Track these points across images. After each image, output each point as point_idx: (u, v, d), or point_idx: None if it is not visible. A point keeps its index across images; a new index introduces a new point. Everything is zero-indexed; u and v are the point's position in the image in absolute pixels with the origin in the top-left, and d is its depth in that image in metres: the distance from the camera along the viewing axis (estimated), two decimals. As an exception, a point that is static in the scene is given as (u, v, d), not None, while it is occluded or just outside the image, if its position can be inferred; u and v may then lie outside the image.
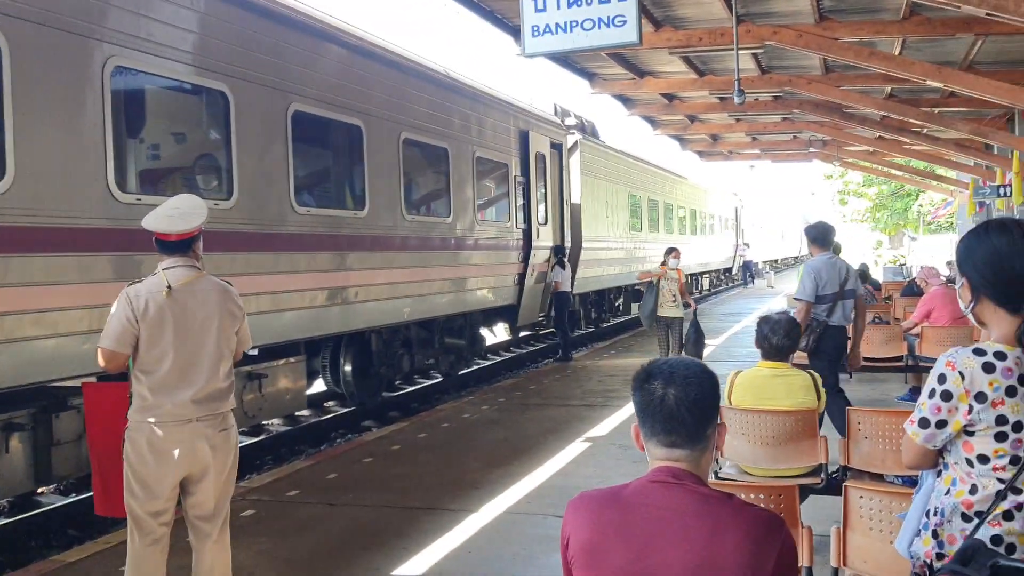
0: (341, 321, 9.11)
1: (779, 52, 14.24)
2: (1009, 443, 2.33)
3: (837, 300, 7.27)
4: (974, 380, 2.35)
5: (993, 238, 2.39)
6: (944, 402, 2.38)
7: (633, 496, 2.16)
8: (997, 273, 2.38)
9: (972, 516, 2.37)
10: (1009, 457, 2.33)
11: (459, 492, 6.71)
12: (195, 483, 4.07)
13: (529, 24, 8.01)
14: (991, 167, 22.29)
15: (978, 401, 2.34)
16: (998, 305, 2.41)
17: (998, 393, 2.32)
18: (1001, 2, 8.23)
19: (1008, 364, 2.33)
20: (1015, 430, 2.32)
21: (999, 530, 2.33)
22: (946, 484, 2.47)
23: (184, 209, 4.16)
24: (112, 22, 6.20)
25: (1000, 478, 2.34)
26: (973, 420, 2.35)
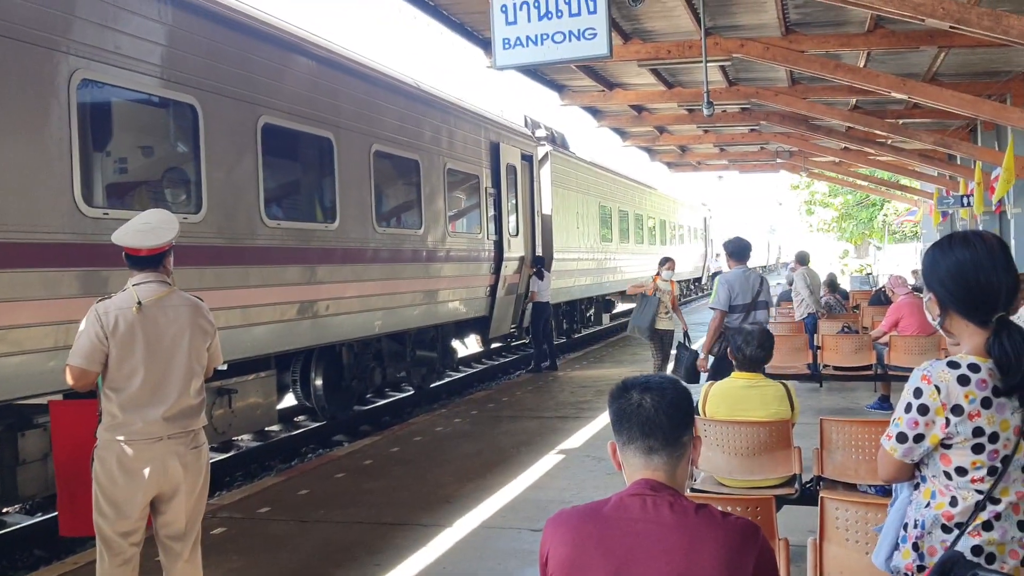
0: (312, 335, 9.04)
1: (746, 64, 14.39)
2: (986, 454, 2.34)
3: (749, 310, 7.78)
4: (950, 393, 2.36)
5: (957, 252, 2.42)
6: (921, 416, 2.39)
7: (612, 511, 2.18)
8: (962, 287, 2.39)
9: (952, 528, 2.39)
10: (987, 468, 2.34)
11: (432, 507, 6.66)
12: (166, 502, 4.00)
13: (500, 37, 8.03)
14: (954, 177, 22.66)
15: (955, 414, 2.35)
16: (966, 319, 2.42)
17: (974, 405, 2.33)
18: (964, 15, 8.37)
19: (982, 376, 2.35)
20: (991, 441, 2.33)
21: (979, 540, 2.35)
22: (925, 497, 2.48)
23: (155, 224, 4.10)
24: (79, 34, 6.12)
25: (978, 489, 2.36)
26: (950, 433, 2.36)
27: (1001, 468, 2.33)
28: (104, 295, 4.07)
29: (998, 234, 13.28)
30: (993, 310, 2.37)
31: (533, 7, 7.93)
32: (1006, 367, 2.30)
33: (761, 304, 7.89)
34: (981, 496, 2.35)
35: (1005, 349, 2.30)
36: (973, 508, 2.35)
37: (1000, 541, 2.34)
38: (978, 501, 2.35)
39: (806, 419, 6.40)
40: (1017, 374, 2.28)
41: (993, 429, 2.33)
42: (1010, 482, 2.34)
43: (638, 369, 14.30)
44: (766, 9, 11.40)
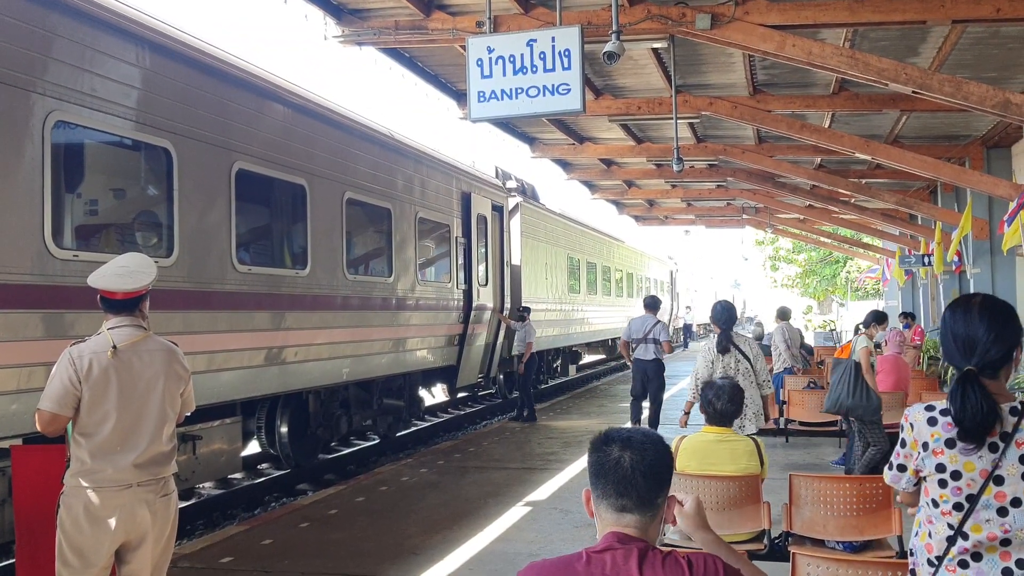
0: (279, 381, 8.95)
1: (714, 122, 14.70)
2: (950, 490, 2.53)
3: (640, 342, 11.62)
4: (920, 431, 2.61)
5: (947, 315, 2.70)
6: (902, 449, 2.69)
7: (582, 567, 2.19)
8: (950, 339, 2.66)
9: (934, 561, 2.58)
10: (952, 503, 2.53)
11: (398, 559, 6.57)
12: (132, 551, 3.91)
13: (476, 90, 8.14)
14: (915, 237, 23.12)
15: (923, 449, 2.60)
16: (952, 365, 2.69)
17: (938, 444, 2.55)
18: (926, 81, 8.64)
19: (949, 420, 2.55)
20: (953, 479, 2.52)
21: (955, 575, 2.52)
22: (915, 526, 2.72)
23: (132, 267, 4.07)
24: (54, 76, 6.12)
25: (949, 523, 2.54)
26: (919, 467, 2.63)
27: (967, 505, 2.50)
28: (78, 339, 4.02)
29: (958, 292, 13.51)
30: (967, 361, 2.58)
31: (508, 61, 8.06)
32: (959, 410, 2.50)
33: (650, 339, 11.55)
34: (952, 531, 2.53)
35: (953, 397, 2.52)
36: (945, 543, 2.54)
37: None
38: (949, 536, 2.53)
39: (772, 474, 6.42)
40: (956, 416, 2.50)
41: (955, 468, 2.52)
42: (981, 521, 2.49)
43: (605, 420, 14.29)
44: (734, 69, 11.70)
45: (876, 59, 8.75)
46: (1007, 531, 2.47)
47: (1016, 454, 2.47)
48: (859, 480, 5.28)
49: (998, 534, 2.47)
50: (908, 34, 9.99)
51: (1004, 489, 2.47)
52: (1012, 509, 2.47)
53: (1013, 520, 2.46)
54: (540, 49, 7.95)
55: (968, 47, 10.38)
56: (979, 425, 2.47)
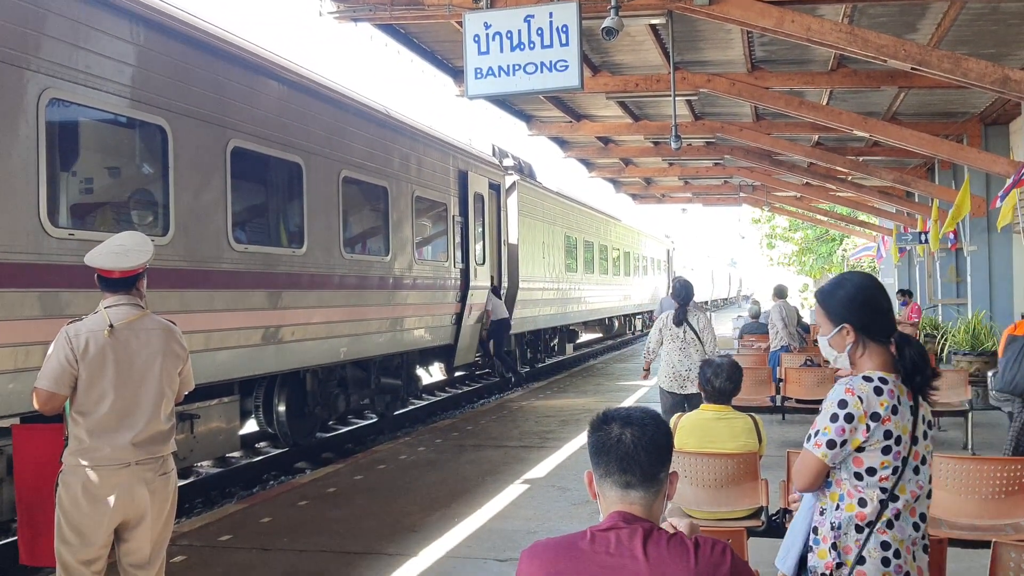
0: (277, 360, 8.95)
1: (712, 99, 14.63)
2: (892, 455, 2.71)
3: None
4: (870, 402, 2.72)
5: (860, 283, 2.88)
6: (847, 424, 2.73)
7: (587, 545, 2.21)
8: (871, 312, 2.82)
9: (864, 527, 2.72)
10: (891, 468, 2.71)
11: (397, 536, 6.59)
12: (131, 529, 3.92)
13: (472, 66, 8.09)
14: (912, 214, 23.11)
15: (873, 420, 2.71)
16: (873, 340, 2.81)
17: (887, 411, 2.71)
18: (925, 58, 8.59)
19: (891, 387, 2.75)
20: (896, 443, 2.71)
21: (886, 537, 2.70)
22: (833, 500, 2.80)
23: (129, 246, 4.05)
24: (48, 53, 6.06)
25: (883, 487, 2.71)
26: (868, 438, 2.72)
27: (901, 467, 2.72)
28: (75, 317, 4.00)
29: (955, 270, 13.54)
30: (892, 331, 2.81)
31: (506, 38, 8.01)
32: (912, 373, 2.73)
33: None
34: (885, 495, 2.71)
35: (903, 356, 2.74)
36: (879, 506, 2.71)
37: (900, 538, 2.69)
38: (882, 500, 2.70)
39: (770, 451, 6.43)
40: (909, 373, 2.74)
41: (898, 433, 2.72)
42: (906, 480, 2.72)
43: (602, 399, 14.33)
44: (733, 46, 11.63)
45: (875, 35, 8.70)
46: (920, 487, 2.74)
47: (921, 414, 2.77)
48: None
49: (916, 491, 2.72)
50: (907, 10, 9.93)
51: (918, 448, 2.74)
52: (922, 467, 2.76)
53: (923, 478, 2.74)
54: (537, 25, 7.90)
55: (967, 23, 10.33)
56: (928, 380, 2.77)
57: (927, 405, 2.82)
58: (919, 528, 2.73)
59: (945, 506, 5.07)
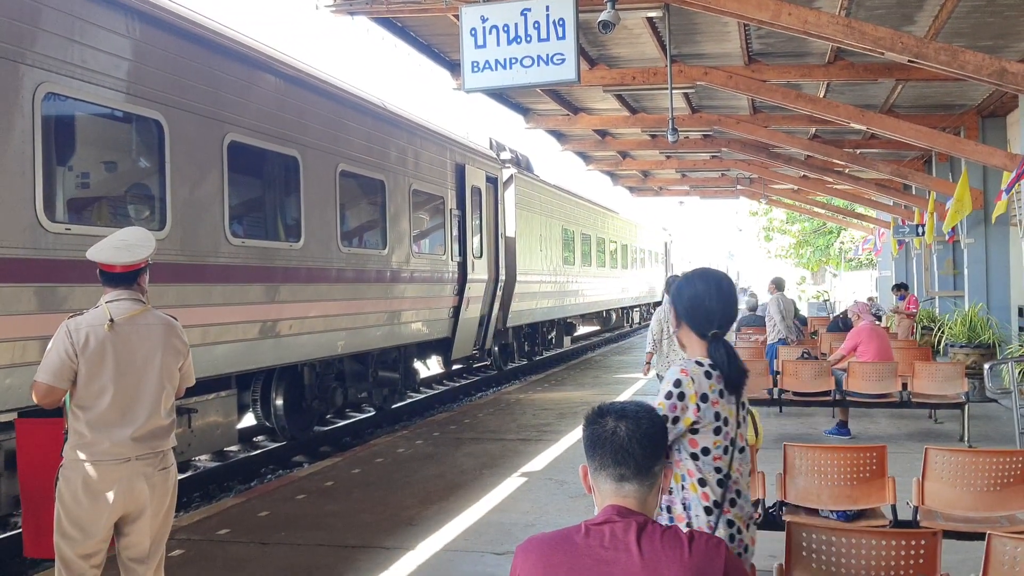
0: (274, 354, 8.95)
1: (709, 92, 14.62)
2: (722, 436, 2.87)
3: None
4: (700, 383, 2.87)
5: (697, 284, 3.06)
6: (680, 401, 2.86)
7: (581, 539, 2.23)
8: (695, 309, 3.02)
9: (712, 508, 2.85)
10: (723, 447, 2.87)
11: (395, 529, 6.61)
12: (130, 523, 3.93)
13: (469, 60, 8.08)
14: (909, 207, 23.10)
15: (703, 401, 2.86)
16: (694, 332, 3.02)
17: (715, 394, 2.87)
18: (922, 50, 8.58)
19: (719, 373, 2.92)
20: (725, 424, 2.88)
21: (730, 515, 2.85)
22: (676, 481, 2.91)
23: (132, 241, 4.06)
24: (44, 48, 6.05)
25: (718, 467, 2.86)
26: (699, 418, 2.86)
27: (731, 448, 2.90)
28: (74, 311, 4.01)
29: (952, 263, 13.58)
30: (710, 328, 2.98)
31: (502, 31, 8.00)
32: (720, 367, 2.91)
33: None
34: (721, 474, 2.86)
35: (719, 355, 2.92)
36: (719, 487, 2.85)
37: (741, 516, 2.89)
38: (719, 480, 2.85)
39: (767, 444, 6.45)
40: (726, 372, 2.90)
41: (725, 415, 2.89)
42: (735, 460, 2.91)
43: (599, 392, 14.35)
44: (730, 39, 11.61)
45: (872, 28, 8.68)
46: (742, 468, 2.95)
47: (742, 401, 3.00)
48: (852, 450, 5.31)
49: (742, 471, 2.94)
50: (904, 2, 9.92)
51: (741, 431, 2.97)
52: (747, 448, 3.01)
53: (745, 457, 2.98)
54: (534, 18, 7.89)
55: (964, 15, 10.31)
56: (742, 378, 2.95)
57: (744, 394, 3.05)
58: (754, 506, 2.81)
59: (940, 498, 5.09)
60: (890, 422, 10.94)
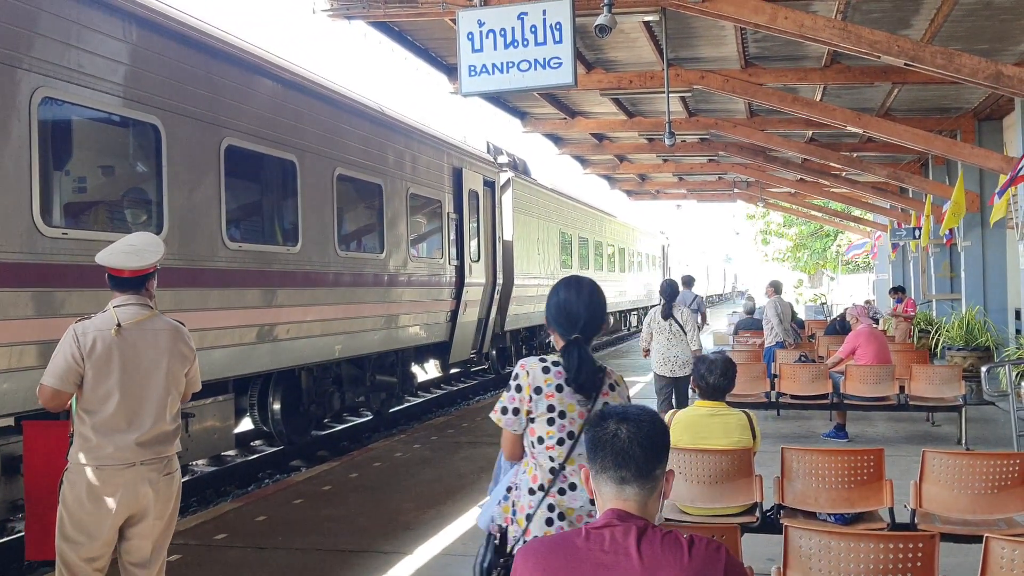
0: (271, 359, 8.94)
1: (706, 96, 14.64)
2: (556, 427, 3.10)
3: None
4: (535, 377, 3.14)
5: (561, 292, 3.30)
6: (517, 393, 3.16)
7: (581, 543, 2.22)
8: (559, 315, 3.25)
9: (536, 489, 3.10)
10: (557, 439, 3.10)
11: (392, 534, 6.60)
12: (133, 526, 3.93)
13: (466, 64, 8.09)
14: (906, 210, 23.14)
15: (536, 393, 3.12)
16: (560, 336, 3.25)
17: (550, 388, 3.12)
18: (918, 53, 8.61)
19: (559, 369, 3.15)
20: (560, 417, 3.10)
21: (553, 501, 3.07)
22: (524, 466, 3.20)
23: (140, 246, 4.08)
24: (41, 52, 6.05)
25: (551, 456, 3.09)
26: (532, 408, 3.13)
27: (569, 441, 3.09)
28: (83, 316, 4.01)
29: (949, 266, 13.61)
30: (572, 332, 3.19)
31: (499, 35, 8.01)
32: (567, 369, 3.12)
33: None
34: (554, 463, 3.08)
35: (570, 358, 3.13)
36: (550, 474, 3.08)
37: (571, 507, 3.06)
38: (552, 468, 3.08)
39: (764, 447, 6.45)
40: (574, 375, 3.10)
41: (562, 408, 3.11)
42: (575, 455, 3.08)
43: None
44: (726, 42, 11.63)
45: (868, 31, 8.70)
46: None
47: (601, 401, 3.12)
48: (850, 453, 5.31)
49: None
50: (900, 6, 9.95)
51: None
52: None
53: None
54: (531, 22, 7.90)
55: (960, 19, 10.34)
56: (591, 380, 3.11)
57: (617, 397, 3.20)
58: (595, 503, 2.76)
59: (938, 501, 5.09)
60: (888, 425, 10.95)
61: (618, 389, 3.23)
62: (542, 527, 3.02)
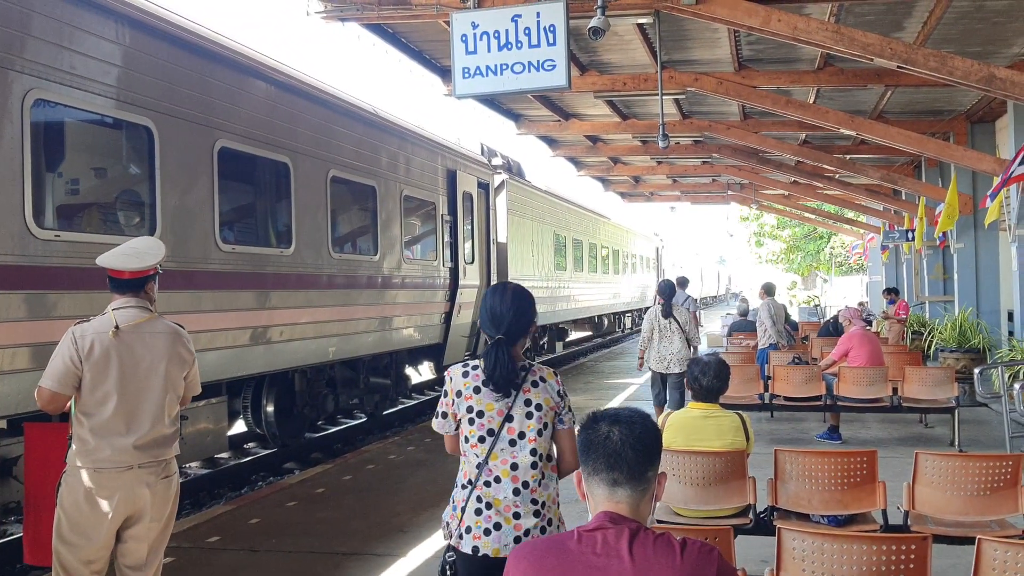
0: (265, 361, 8.92)
1: (700, 98, 14.65)
2: (476, 426, 3.32)
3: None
4: (456, 382, 3.39)
5: (489, 298, 3.50)
6: (444, 398, 3.44)
7: (574, 545, 2.22)
8: (487, 317, 3.46)
9: (467, 484, 3.32)
10: (478, 436, 3.31)
11: (386, 536, 6.59)
12: (129, 530, 3.92)
13: (460, 66, 8.08)
14: (899, 212, 23.20)
15: (457, 396, 3.37)
16: (487, 335, 3.45)
17: (468, 391, 3.34)
18: (911, 56, 8.63)
19: (478, 372, 3.37)
20: (479, 417, 3.31)
21: (481, 493, 3.27)
22: (461, 464, 3.42)
23: (141, 248, 4.09)
24: (33, 54, 6.03)
25: (476, 453, 3.31)
26: (455, 410, 3.38)
27: (489, 439, 3.29)
28: (82, 318, 4.00)
29: (942, 268, 13.66)
30: (498, 333, 3.39)
31: (493, 37, 8.00)
32: (487, 367, 3.32)
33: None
34: (479, 459, 3.29)
35: (488, 358, 3.33)
36: (476, 469, 3.30)
37: (497, 497, 3.25)
38: (478, 463, 3.29)
39: (758, 449, 6.46)
40: (489, 374, 3.30)
41: (480, 408, 3.32)
42: (498, 450, 3.28)
43: (591, 397, 14.35)
44: (720, 45, 11.65)
45: (861, 34, 8.72)
46: (515, 458, 3.27)
47: (522, 399, 3.31)
48: (843, 455, 5.32)
49: (509, 460, 3.28)
50: (893, 8, 9.97)
51: (513, 425, 3.30)
52: (519, 441, 3.29)
53: (519, 450, 3.28)
54: (525, 24, 7.89)
55: (953, 22, 10.37)
56: (506, 379, 3.29)
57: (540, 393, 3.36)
58: (520, 494, 3.24)
59: (930, 502, 5.10)
60: (881, 427, 10.97)
61: (543, 385, 3.37)
62: (473, 516, 3.26)
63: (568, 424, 3.42)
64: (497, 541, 3.21)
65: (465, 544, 3.25)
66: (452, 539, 3.33)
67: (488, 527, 3.23)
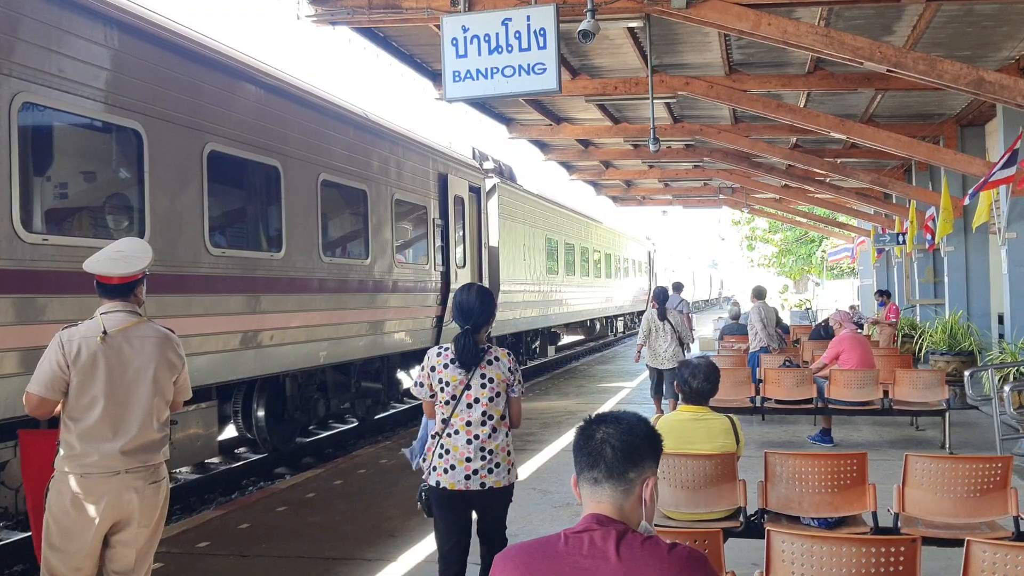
0: (255, 365, 8.89)
1: (691, 102, 14.69)
2: (445, 393, 4.37)
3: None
4: (431, 360, 4.44)
5: (459, 294, 4.53)
6: (421, 372, 4.46)
7: (561, 547, 2.21)
8: (458, 311, 4.48)
9: (437, 435, 4.39)
10: (444, 400, 4.37)
11: (377, 541, 6.57)
12: (117, 535, 3.89)
13: (450, 70, 8.09)
14: (890, 215, 23.27)
15: (432, 371, 4.41)
16: (458, 324, 4.46)
17: (440, 366, 4.40)
18: (900, 60, 8.66)
19: (448, 352, 4.42)
20: (447, 385, 4.36)
21: (444, 442, 4.34)
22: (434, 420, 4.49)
23: (128, 252, 4.04)
24: (20, 57, 6.01)
25: (443, 412, 4.37)
26: (431, 382, 4.41)
27: (452, 400, 4.36)
28: (70, 323, 3.97)
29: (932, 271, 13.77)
30: (467, 323, 4.44)
31: (484, 41, 8.02)
32: (456, 349, 4.38)
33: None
34: (444, 416, 4.37)
35: (458, 343, 4.40)
36: (443, 424, 4.36)
37: (456, 445, 4.32)
38: (443, 419, 4.36)
39: (748, 451, 6.46)
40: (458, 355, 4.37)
41: (447, 379, 4.37)
42: (459, 411, 4.34)
43: (583, 401, 14.34)
44: (710, 48, 11.68)
45: (851, 38, 8.75)
46: (470, 416, 4.33)
47: (479, 372, 4.36)
48: (833, 457, 5.32)
49: (465, 418, 4.33)
50: (883, 12, 10.00)
51: (471, 392, 4.35)
52: (474, 404, 4.34)
53: (473, 412, 4.33)
54: (515, 28, 7.91)
55: (942, 25, 10.41)
56: (470, 359, 4.34)
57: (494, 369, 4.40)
58: (471, 443, 4.29)
59: (921, 505, 5.11)
60: (872, 429, 10.99)
61: (496, 363, 4.41)
62: (437, 459, 4.33)
63: (518, 393, 4.50)
64: (452, 477, 4.29)
65: (431, 479, 4.35)
66: (425, 475, 4.42)
67: (446, 467, 4.30)
